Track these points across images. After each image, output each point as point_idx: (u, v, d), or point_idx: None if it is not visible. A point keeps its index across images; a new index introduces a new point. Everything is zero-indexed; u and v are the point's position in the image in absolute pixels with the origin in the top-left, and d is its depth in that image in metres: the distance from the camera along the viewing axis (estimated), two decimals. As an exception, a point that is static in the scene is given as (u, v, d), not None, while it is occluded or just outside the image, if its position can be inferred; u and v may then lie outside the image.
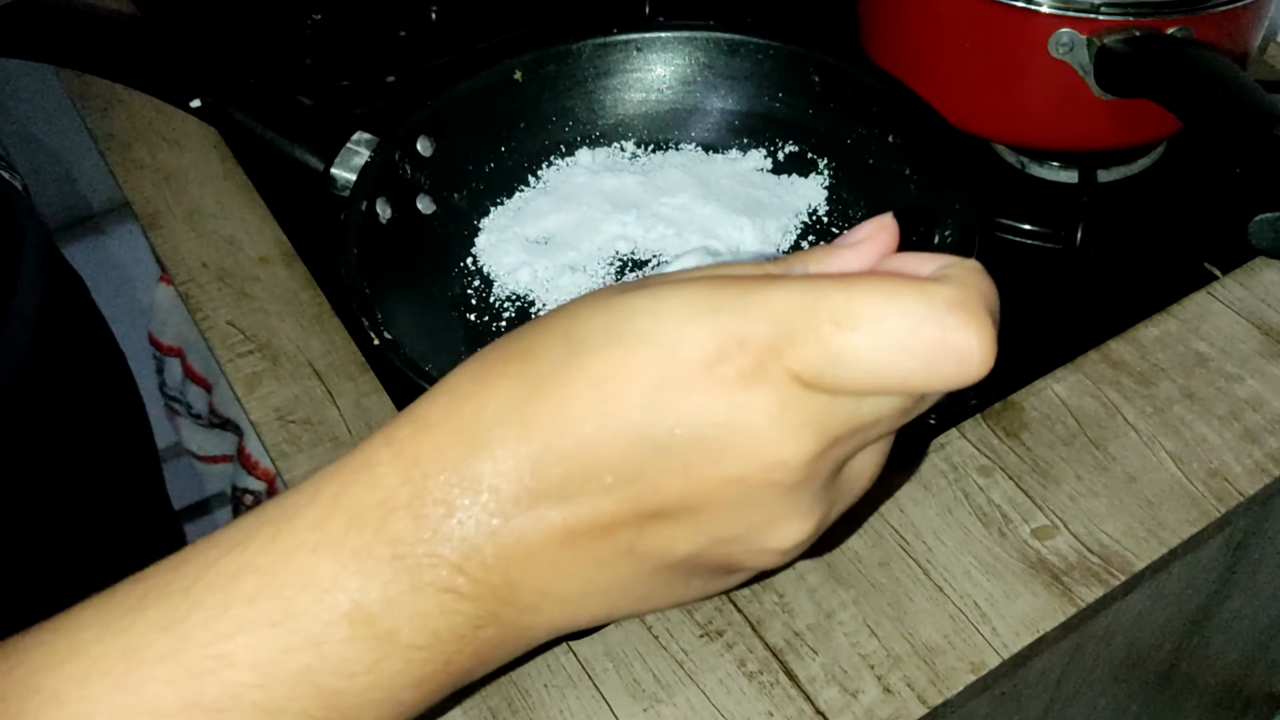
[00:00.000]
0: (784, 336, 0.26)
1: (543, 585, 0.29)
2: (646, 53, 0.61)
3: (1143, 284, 0.59)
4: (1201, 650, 0.72)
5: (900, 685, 0.45)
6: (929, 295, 0.26)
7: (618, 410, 0.27)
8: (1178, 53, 0.53)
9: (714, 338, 0.27)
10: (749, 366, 0.26)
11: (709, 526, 0.28)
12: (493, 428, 0.28)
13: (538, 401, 0.27)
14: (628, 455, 0.27)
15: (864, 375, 0.26)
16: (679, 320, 0.27)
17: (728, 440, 0.27)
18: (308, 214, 0.64)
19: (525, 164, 0.61)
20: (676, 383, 0.27)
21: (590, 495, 0.27)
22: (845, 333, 0.26)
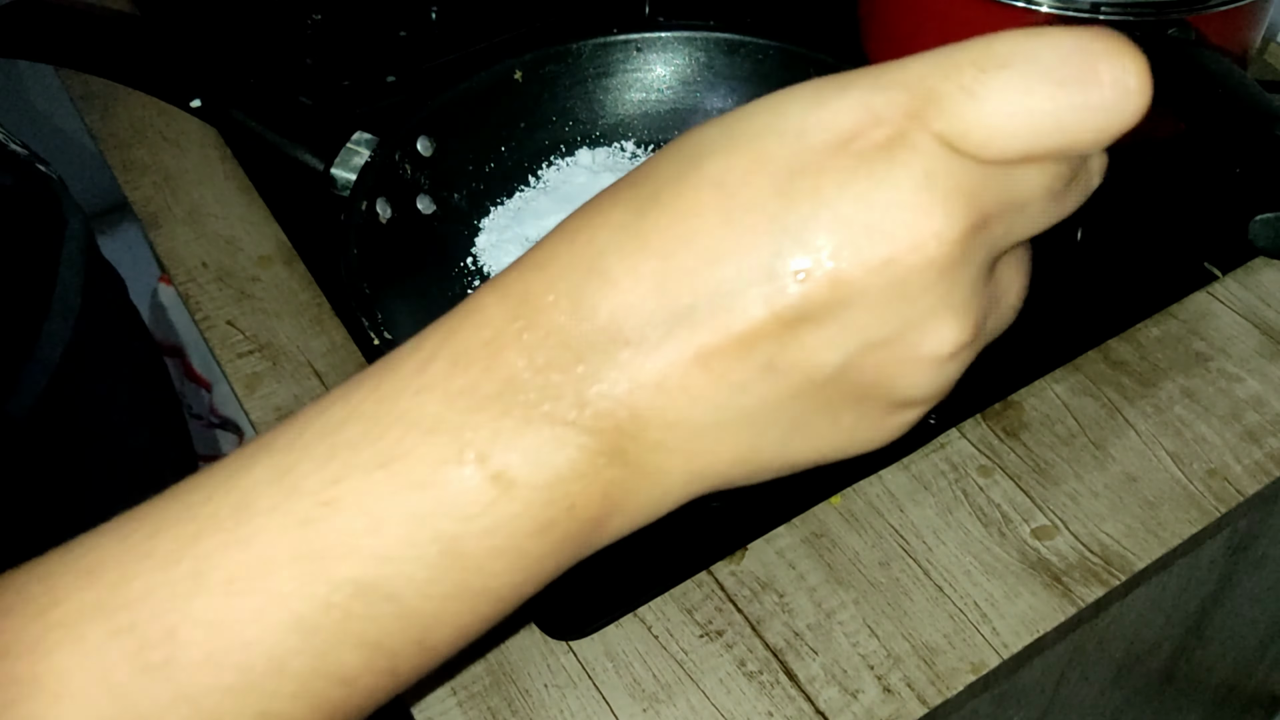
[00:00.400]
0: (924, 98, 0.24)
1: (673, 417, 0.26)
2: (646, 53, 0.61)
3: (1143, 284, 0.59)
4: (1201, 650, 0.72)
5: (900, 685, 0.45)
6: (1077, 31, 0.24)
7: (745, 205, 0.24)
8: (1178, 53, 0.53)
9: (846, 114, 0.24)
10: (887, 136, 0.24)
11: (856, 326, 0.25)
12: (607, 251, 0.25)
13: (655, 215, 0.25)
14: (763, 253, 0.24)
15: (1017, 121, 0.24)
16: (804, 106, 0.25)
17: (873, 217, 0.24)
18: (308, 214, 0.64)
19: (525, 164, 0.61)
20: (810, 166, 0.24)
21: (724, 307, 0.25)
22: (992, 73, 0.24)
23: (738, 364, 0.25)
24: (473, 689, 0.45)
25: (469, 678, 0.46)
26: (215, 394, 1.05)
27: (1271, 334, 0.57)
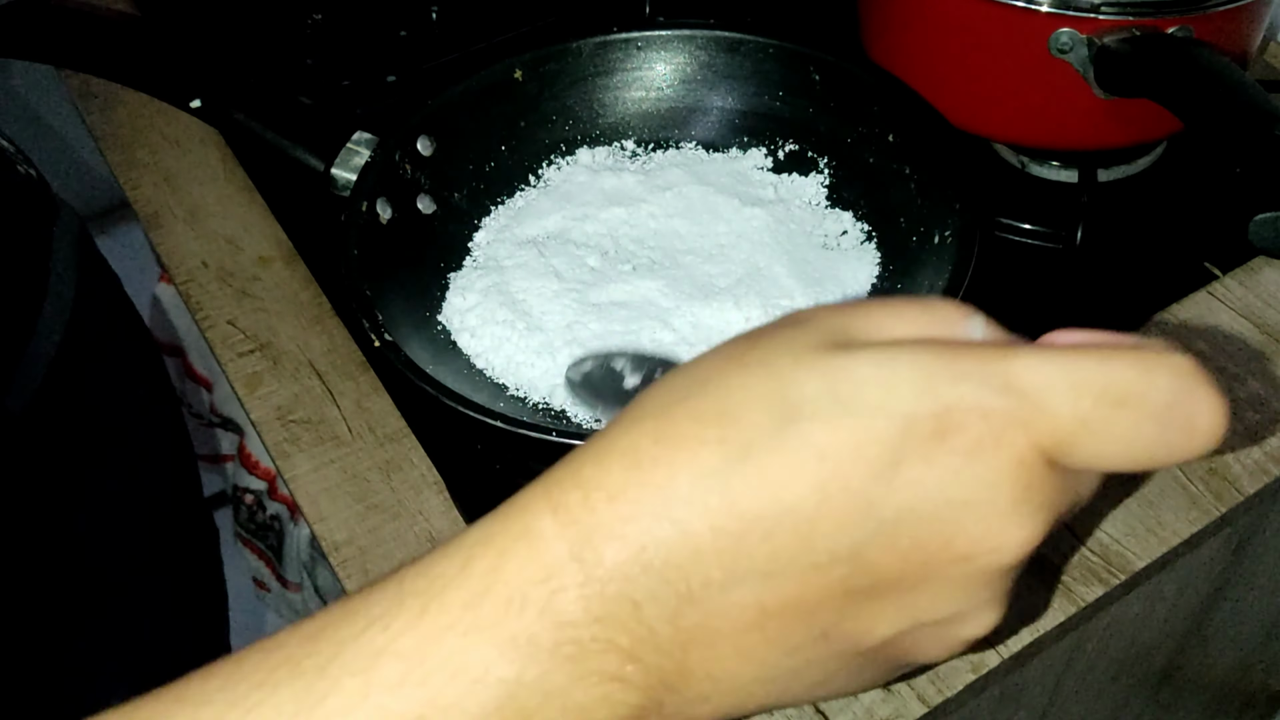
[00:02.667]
0: (1037, 411, 0.25)
1: (719, 671, 0.26)
2: (647, 51, 0.61)
3: (1143, 284, 0.59)
4: (1201, 649, 0.72)
5: (900, 684, 0.45)
6: (1179, 369, 0.25)
7: (845, 485, 0.25)
8: (1178, 52, 0.53)
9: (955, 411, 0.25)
10: (992, 440, 0.25)
11: (917, 608, 0.26)
12: (690, 500, 0.25)
13: (749, 473, 0.25)
14: (850, 531, 0.25)
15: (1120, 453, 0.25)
16: (915, 389, 0.25)
17: (966, 517, 0.25)
18: (308, 214, 0.64)
19: (525, 163, 0.61)
20: (913, 456, 0.25)
21: (798, 573, 0.25)
22: (1110, 409, 0.25)
23: (795, 628, 0.26)
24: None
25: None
26: (215, 393, 1.05)
27: (1272, 334, 0.57)
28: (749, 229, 0.57)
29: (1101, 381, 0.25)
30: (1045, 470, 0.25)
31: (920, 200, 0.55)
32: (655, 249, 0.57)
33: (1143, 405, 0.25)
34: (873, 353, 0.26)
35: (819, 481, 0.25)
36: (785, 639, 0.26)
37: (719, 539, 0.25)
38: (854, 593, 0.26)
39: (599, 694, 0.25)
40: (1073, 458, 0.25)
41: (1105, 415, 0.25)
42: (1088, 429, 0.25)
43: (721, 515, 0.25)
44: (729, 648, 0.26)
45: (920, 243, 0.54)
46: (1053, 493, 0.25)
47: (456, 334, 0.54)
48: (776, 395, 0.25)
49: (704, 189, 0.59)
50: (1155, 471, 0.52)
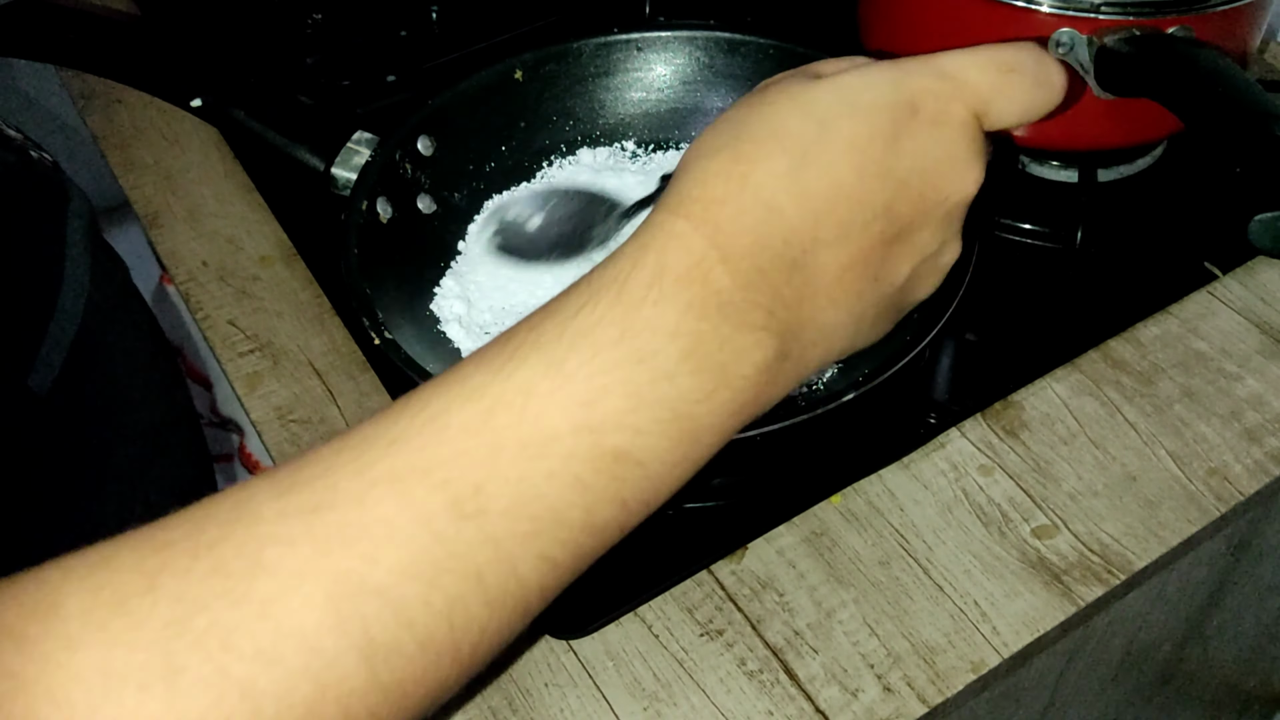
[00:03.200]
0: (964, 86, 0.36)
1: (821, 318, 0.35)
2: (647, 52, 0.61)
3: (1143, 283, 0.59)
4: (1201, 650, 0.72)
5: (900, 684, 0.45)
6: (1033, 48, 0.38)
7: (872, 161, 0.35)
8: (1178, 52, 0.53)
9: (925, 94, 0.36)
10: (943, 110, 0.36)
11: (921, 244, 0.37)
12: (776, 193, 0.34)
13: (809, 168, 0.34)
14: (882, 194, 0.35)
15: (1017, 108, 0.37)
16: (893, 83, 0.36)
17: (942, 167, 0.36)
18: (308, 213, 0.64)
19: (526, 163, 0.61)
20: (904, 132, 0.35)
21: (858, 233, 0.35)
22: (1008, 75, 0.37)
23: (861, 276, 0.36)
24: (472, 688, 0.45)
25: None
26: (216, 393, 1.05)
27: (1271, 333, 0.57)
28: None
29: (997, 59, 0.37)
30: (979, 128, 0.37)
31: (920, 200, 0.55)
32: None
33: (1025, 70, 0.37)
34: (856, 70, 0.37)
35: (857, 163, 0.35)
36: (857, 286, 0.36)
37: (804, 217, 0.34)
38: (889, 240, 0.36)
39: (752, 339, 0.33)
40: (989, 116, 0.37)
41: (1006, 80, 0.37)
42: (998, 91, 0.37)
43: (801, 201, 0.34)
44: (825, 299, 0.35)
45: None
46: (985, 145, 0.37)
47: (446, 324, 0.54)
48: (807, 110, 0.35)
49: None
50: (1156, 474, 0.52)
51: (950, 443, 0.53)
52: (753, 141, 0.35)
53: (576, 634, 0.47)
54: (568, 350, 0.32)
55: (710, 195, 0.34)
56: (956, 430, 0.53)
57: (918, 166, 0.36)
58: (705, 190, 0.34)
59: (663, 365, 0.32)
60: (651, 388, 0.32)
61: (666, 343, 0.32)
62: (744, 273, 0.33)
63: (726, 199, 0.34)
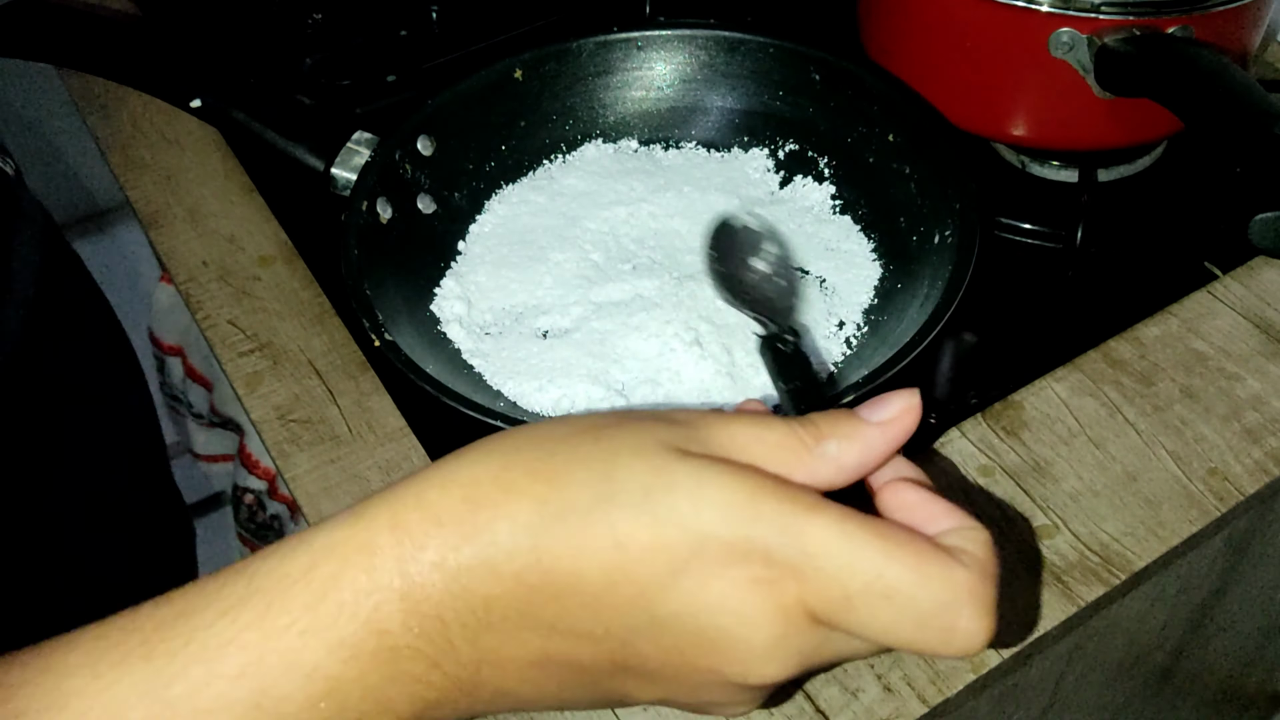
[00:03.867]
0: (811, 572, 0.28)
1: (505, 687, 0.30)
2: (647, 51, 0.61)
3: (1143, 283, 0.59)
4: (1201, 650, 0.72)
5: (900, 684, 0.45)
6: (954, 583, 0.28)
7: (632, 578, 0.28)
8: (1178, 52, 0.53)
9: (743, 543, 0.28)
10: (767, 582, 0.28)
11: (669, 692, 0.31)
12: (501, 544, 0.28)
13: (557, 537, 0.28)
14: (626, 619, 0.29)
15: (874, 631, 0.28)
16: (717, 516, 0.28)
17: (722, 641, 0.28)
18: (308, 213, 0.64)
19: (526, 163, 0.61)
20: (695, 573, 0.28)
21: (576, 637, 0.29)
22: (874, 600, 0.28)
23: (569, 674, 0.30)
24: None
25: (469, 677, 0.46)
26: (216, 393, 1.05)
27: (1272, 333, 0.57)
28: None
29: (876, 572, 0.28)
30: (806, 624, 0.28)
31: (920, 200, 0.55)
32: (655, 248, 0.57)
33: (906, 606, 0.28)
34: (697, 467, 0.29)
35: (611, 566, 0.28)
36: (560, 679, 0.30)
37: (519, 586, 0.29)
38: (621, 666, 0.30)
39: (405, 692, 0.29)
40: (833, 623, 0.28)
41: (870, 602, 0.28)
42: (850, 606, 0.28)
43: (526, 567, 0.28)
44: (514, 672, 0.30)
45: (920, 243, 0.54)
46: (808, 644, 0.29)
47: (446, 325, 0.54)
48: (604, 475, 0.29)
49: (704, 189, 0.59)
50: (1156, 474, 0.52)
51: (950, 443, 0.53)
52: (529, 471, 0.29)
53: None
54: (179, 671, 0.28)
55: (438, 510, 0.29)
56: (956, 430, 0.53)
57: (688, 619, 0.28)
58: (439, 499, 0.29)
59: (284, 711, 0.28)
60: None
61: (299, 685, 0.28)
62: (422, 617, 0.28)
63: (450, 524, 0.29)
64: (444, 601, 0.29)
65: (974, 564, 0.29)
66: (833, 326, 0.53)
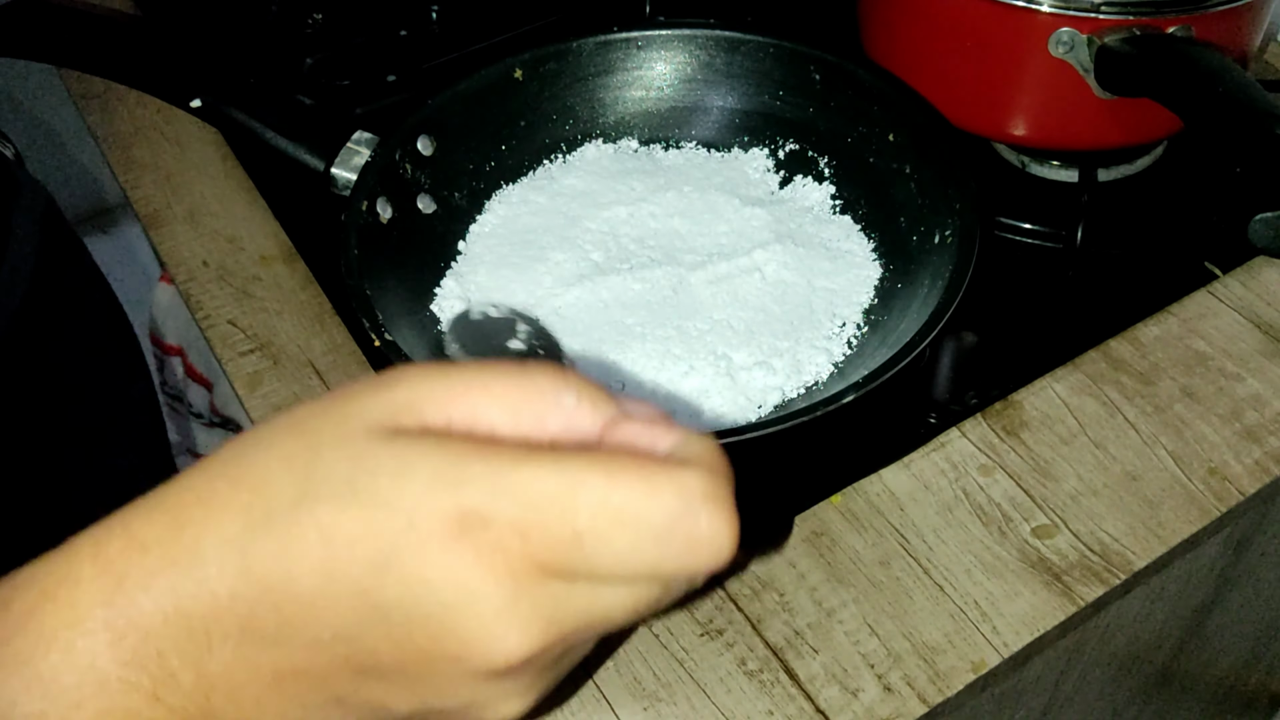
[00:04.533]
0: (533, 521, 0.25)
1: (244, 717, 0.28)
2: (647, 50, 0.61)
3: (1143, 283, 0.59)
4: (1201, 649, 0.72)
5: (900, 684, 0.45)
6: (685, 488, 0.26)
7: (344, 571, 0.26)
8: (1178, 52, 0.53)
9: (454, 511, 0.25)
10: (487, 546, 0.25)
11: (424, 694, 0.28)
12: (209, 562, 0.27)
13: (262, 544, 0.26)
14: (348, 616, 0.26)
15: (614, 563, 0.26)
16: (421, 488, 0.26)
17: (451, 620, 0.26)
18: (309, 213, 0.64)
19: (526, 162, 0.61)
20: (408, 553, 0.26)
21: (304, 646, 0.27)
22: (603, 525, 0.25)
23: (310, 691, 0.28)
24: (473, 688, 0.45)
25: (470, 677, 0.46)
26: (216, 393, 1.05)
27: (1272, 333, 0.57)
28: (749, 228, 0.57)
29: (600, 499, 0.25)
30: (537, 580, 0.26)
31: (920, 200, 0.55)
32: (655, 248, 0.57)
33: (641, 525, 0.25)
34: (402, 445, 0.27)
35: (321, 564, 0.26)
36: (301, 699, 0.28)
37: (235, 602, 0.26)
38: (361, 670, 0.27)
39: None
40: (572, 569, 0.26)
41: (602, 531, 0.25)
42: (581, 542, 0.25)
43: (238, 580, 0.26)
44: (249, 698, 0.27)
45: (920, 243, 0.54)
46: (546, 604, 0.26)
47: (446, 325, 0.54)
48: (304, 471, 0.27)
49: (704, 188, 0.59)
50: (1156, 474, 0.52)
51: (950, 442, 0.53)
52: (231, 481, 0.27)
53: (577, 634, 0.47)
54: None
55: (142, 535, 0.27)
56: (957, 430, 0.54)
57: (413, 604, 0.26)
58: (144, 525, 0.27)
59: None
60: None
61: None
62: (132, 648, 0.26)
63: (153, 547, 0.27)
64: (156, 629, 0.27)
65: (700, 465, 0.26)
66: (834, 326, 0.53)
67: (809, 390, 0.51)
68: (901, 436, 0.53)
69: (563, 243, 0.57)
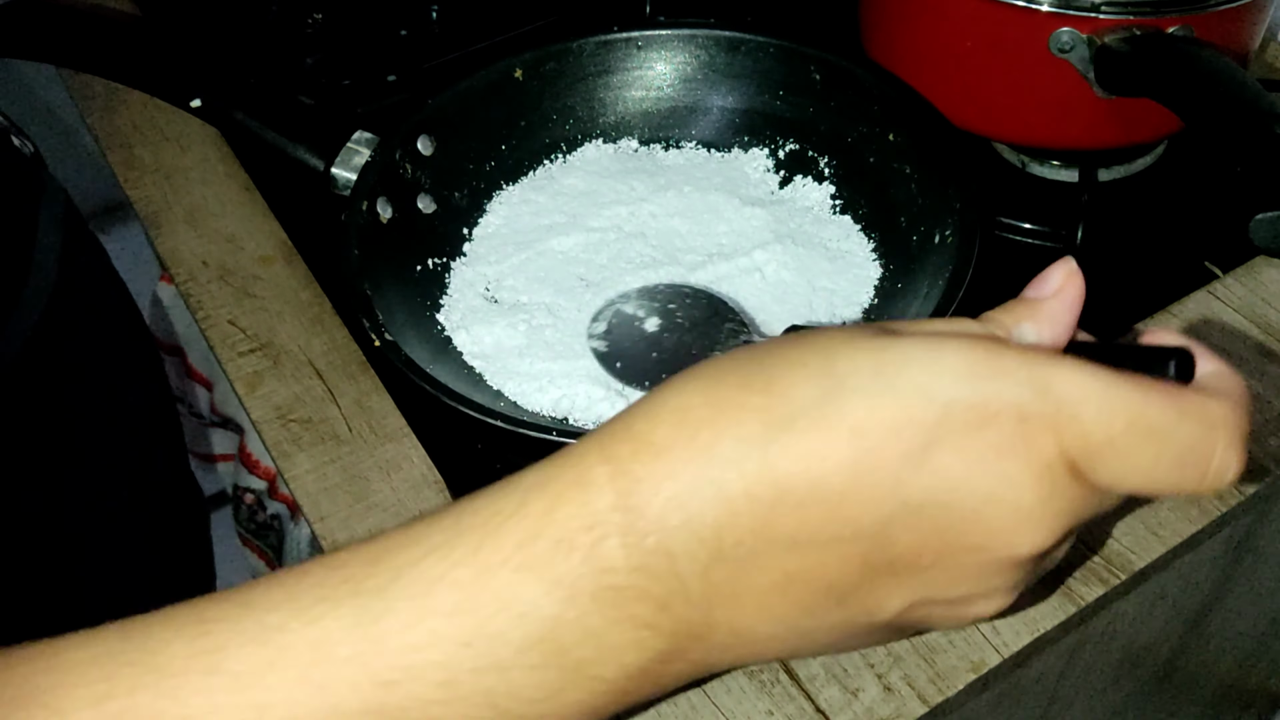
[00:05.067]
0: (1070, 423, 0.26)
1: (741, 626, 0.28)
2: (647, 50, 0.61)
3: (1143, 283, 0.59)
4: (1201, 649, 0.72)
5: (900, 684, 0.45)
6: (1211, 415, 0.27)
7: (877, 464, 0.26)
8: (1178, 52, 0.53)
9: (995, 401, 0.26)
10: (1024, 440, 0.26)
11: (929, 587, 0.28)
12: (729, 464, 0.26)
13: (787, 443, 0.26)
14: (876, 511, 0.26)
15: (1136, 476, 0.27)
16: (958, 377, 0.26)
17: (986, 511, 0.26)
18: (309, 213, 0.64)
19: (526, 162, 0.61)
20: (946, 443, 0.26)
21: (823, 545, 0.26)
22: (1135, 437, 0.26)
23: (815, 594, 0.27)
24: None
25: (470, 677, 0.46)
26: (216, 393, 1.05)
27: (1272, 333, 0.57)
28: (749, 228, 0.57)
29: (1136, 410, 0.26)
30: (1069, 478, 0.26)
31: (920, 200, 0.55)
32: (655, 248, 0.57)
33: (1167, 442, 0.26)
34: (924, 338, 0.27)
35: (853, 458, 0.26)
36: (805, 602, 0.27)
37: (753, 504, 0.26)
38: (873, 567, 0.27)
39: (631, 638, 0.26)
40: (1095, 473, 0.26)
41: (1132, 442, 0.26)
42: (1114, 449, 0.26)
43: (758, 481, 0.26)
44: (752, 605, 0.27)
45: (920, 242, 0.54)
46: (1073, 501, 0.27)
47: (453, 332, 0.54)
48: (825, 369, 0.26)
49: (704, 188, 0.59)
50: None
51: (950, 442, 0.53)
52: (741, 384, 0.27)
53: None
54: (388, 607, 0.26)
55: (651, 437, 0.27)
56: (957, 430, 0.53)
57: (946, 495, 0.26)
58: (649, 428, 0.27)
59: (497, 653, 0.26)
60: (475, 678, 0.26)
61: (512, 625, 0.26)
62: (646, 551, 0.26)
63: (665, 450, 0.26)
64: (669, 533, 0.26)
65: (1228, 396, 0.28)
66: (833, 326, 0.53)
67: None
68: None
69: (563, 243, 0.57)
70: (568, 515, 0.26)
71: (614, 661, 0.27)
